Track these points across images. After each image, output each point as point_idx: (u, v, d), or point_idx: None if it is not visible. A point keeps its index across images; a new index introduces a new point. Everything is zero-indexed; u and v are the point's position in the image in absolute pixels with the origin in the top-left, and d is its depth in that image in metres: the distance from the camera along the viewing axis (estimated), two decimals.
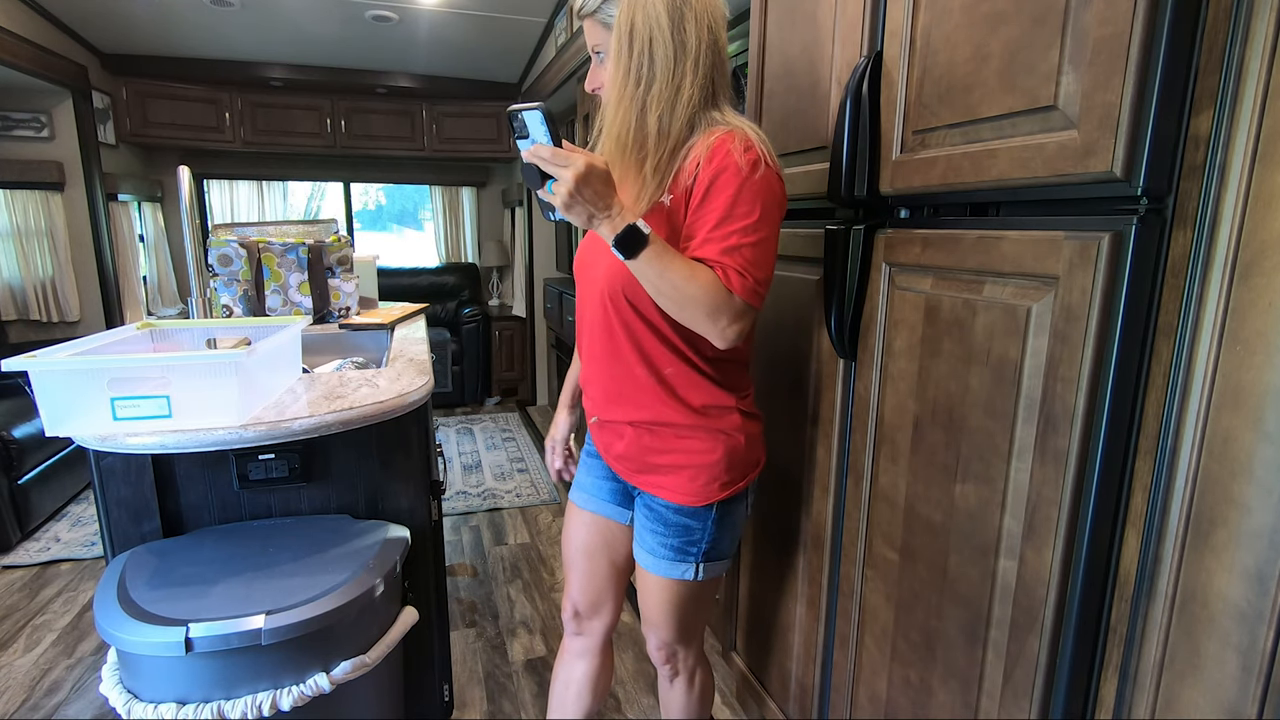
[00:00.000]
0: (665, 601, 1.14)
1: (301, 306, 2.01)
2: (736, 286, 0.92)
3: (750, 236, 0.92)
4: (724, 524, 1.10)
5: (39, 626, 2.08)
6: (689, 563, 1.10)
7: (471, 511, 2.97)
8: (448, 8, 3.12)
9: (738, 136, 0.94)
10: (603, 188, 0.87)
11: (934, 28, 0.93)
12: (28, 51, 2.94)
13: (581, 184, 0.84)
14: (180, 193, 1.61)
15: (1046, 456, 0.79)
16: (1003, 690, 0.89)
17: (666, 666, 1.24)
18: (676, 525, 1.09)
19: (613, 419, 1.11)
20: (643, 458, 1.09)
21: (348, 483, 1.31)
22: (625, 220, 0.88)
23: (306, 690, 1.01)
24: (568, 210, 0.87)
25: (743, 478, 1.09)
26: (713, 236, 0.93)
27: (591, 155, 0.86)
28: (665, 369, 1.05)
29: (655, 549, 1.11)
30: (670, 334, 1.02)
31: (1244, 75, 0.62)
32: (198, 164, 4.20)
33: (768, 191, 0.94)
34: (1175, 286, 0.69)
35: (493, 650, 2.00)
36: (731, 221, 0.92)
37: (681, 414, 1.05)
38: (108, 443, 1.01)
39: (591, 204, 0.86)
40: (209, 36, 3.50)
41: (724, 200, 0.92)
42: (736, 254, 0.92)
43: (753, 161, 0.93)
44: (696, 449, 1.06)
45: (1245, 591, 0.63)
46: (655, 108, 0.96)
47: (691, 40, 0.95)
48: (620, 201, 0.89)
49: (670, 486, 1.08)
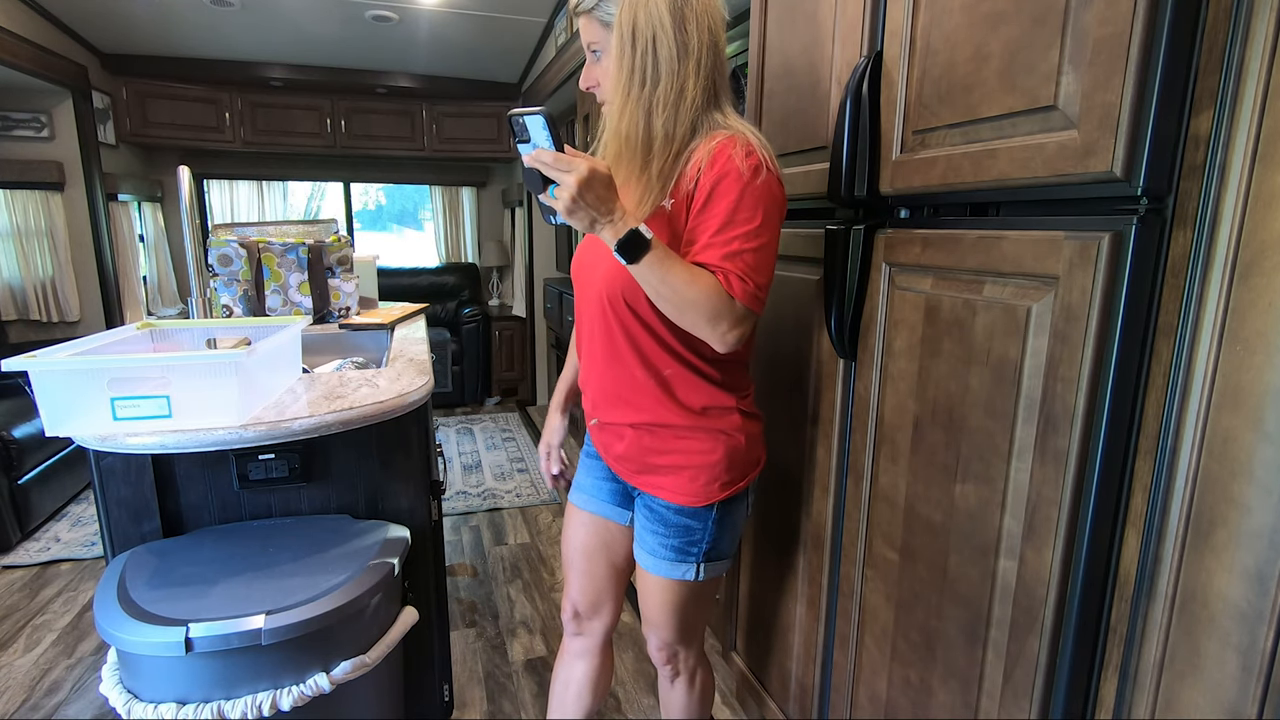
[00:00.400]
0: (666, 602, 1.14)
1: (301, 306, 2.01)
2: (738, 292, 0.92)
3: (752, 242, 0.93)
4: (724, 524, 1.10)
5: (39, 626, 2.08)
6: (690, 563, 1.10)
7: (471, 511, 2.97)
8: (448, 8, 3.12)
9: (739, 141, 0.94)
10: (605, 192, 0.86)
11: (934, 28, 0.93)
12: (28, 51, 2.94)
13: (584, 189, 0.84)
14: (180, 193, 1.61)
15: (1046, 456, 0.79)
16: (1003, 690, 0.89)
17: (667, 667, 1.24)
18: (677, 526, 1.09)
19: (612, 420, 1.11)
20: (643, 459, 1.09)
21: (348, 483, 1.31)
22: (627, 225, 0.88)
23: (306, 690, 1.01)
24: (570, 215, 0.86)
25: (743, 477, 1.09)
26: (714, 242, 0.93)
27: (594, 160, 0.85)
28: (665, 370, 1.05)
29: (656, 550, 1.11)
30: (669, 336, 1.02)
31: (1244, 75, 0.62)
32: (198, 164, 4.20)
33: (769, 197, 0.94)
34: (1175, 286, 0.69)
35: (493, 650, 2.00)
36: (733, 227, 0.93)
37: (681, 415, 1.05)
38: (108, 443, 1.01)
39: (594, 209, 0.86)
40: (209, 36, 3.50)
41: (726, 205, 0.93)
42: (738, 259, 0.92)
43: (754, 167, 0.93)
44: (697, 449, 1.06)
45: (1245, 591, 0.63)
46: (661, 110, 0.96)
47: (693, 41, 0.95)
48: (622, 206, 0.88)
49: (670, 487, 1.08)
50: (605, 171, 0.86)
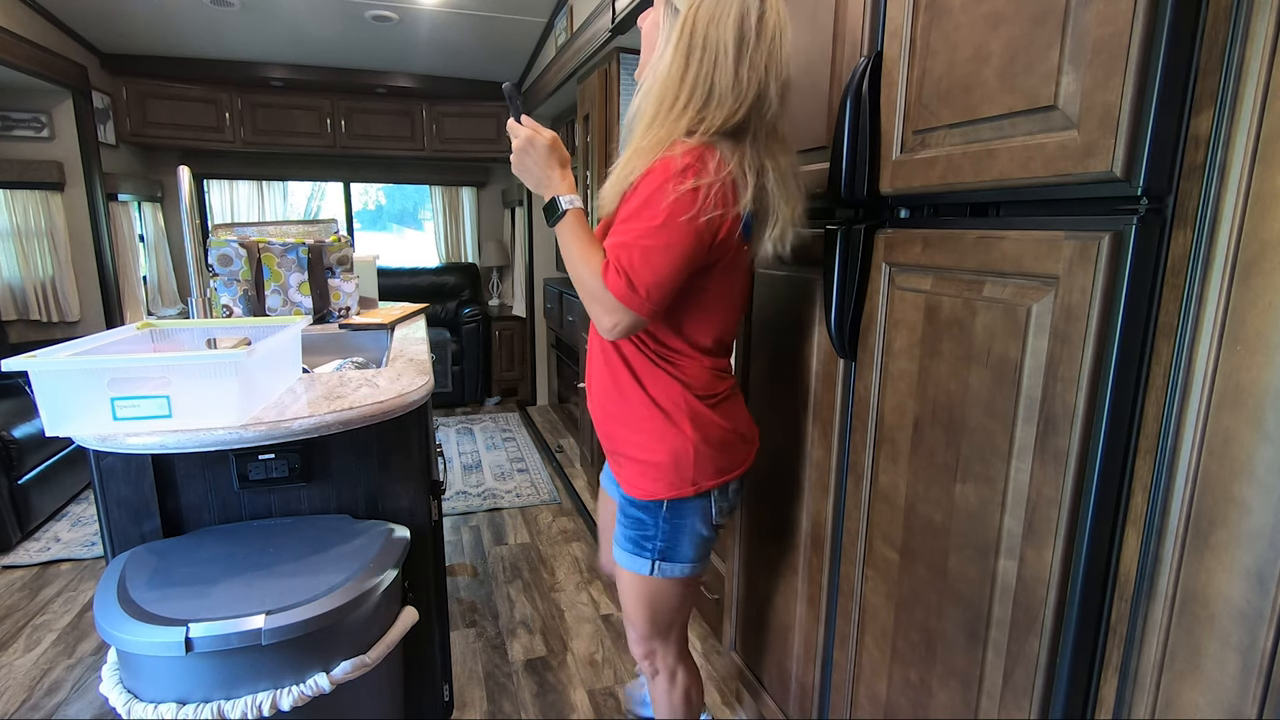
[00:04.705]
0: (631, 593, 1.18)
1: (301, 306, 2.01)
2: (610, 282, 0.95)
3: (645, 240, 0.94)
4: (679, 526, 1.10)
5: (39, 626, 2.08)
6: (645, 558, 1.12)
7: (471, 511, 2.97)
8: (448, 8, 3.12)
9: (698, 153, 0.95)
10: (541, 160, 1.01)
11: (934, 28, 0.93)
12: (28, 51, 2.94)
13: (521, 154, 1.01)
14: (180, 193, 1.61)
15: (1046, 456, 0.79)
16: (1003, 690, 0.89)
17: (645, 662, 1.27)
18: (631, 516, 1.12)
19: (590, 394, 1.17)
20: (608, 441, 1.14)
21: (348, 483, 1.31)
22: (552, 192, 1.01)
23: (306, 690, 1.01)
24: (517, 174, 1.03)
25: (693, 484, 1.08)
26: (617, 230, 0.97)
27: (535, 134, 1.00)
28: (624, 350, 1.09)
29: (619, 537, 1.15)
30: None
31: (1244, 75, 0.62)
32: (198, 164, 4.20)
33: (683, 206, 0.93)
34: (1175, 286, 0.69)
35: (493, 650, 2.00)
36: (635, 220, 0.95)
37: (637, 403, 1.08)
38: (108, 443, 1.01)
39: (530, 172, 1.02)
40: (209, 36, 3.50)
41: (639, 200, 0.96)
42: (625, 251, 0.95)
43: (683, 169, 0.93)
44: (644, 444, 1.09)
45: (1245, 591, 0.63)
46: (668, 113, 0.98)
47: (745, 81, 0.96)
48: (558, 177, 1.01)
49: (625, 476, 1.12)
50: (545, 142, 1.00)
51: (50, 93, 3.29)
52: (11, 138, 3.30)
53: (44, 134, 3.35)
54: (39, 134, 3.35)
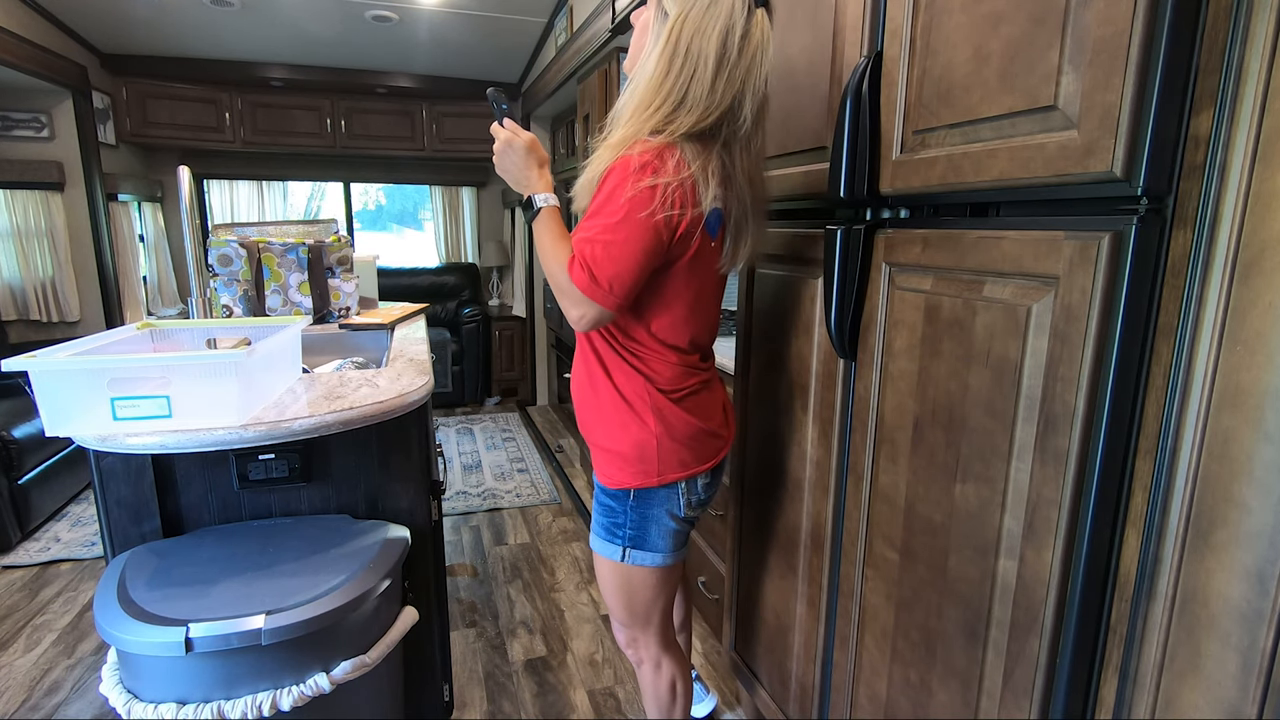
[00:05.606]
0: (606, 580, 1.21)
1: (301, 306, 2.01)
2: (574, 276, 0.98)
3: (605, 235, 0.97)
4: (645, 515, 1.14)
5: (39, 626, 2.08)
6: (616, 545, 1.16)
7: (471, 511, 2.97)
8: (448, 8, 3.12)
9: (656, 149, 0.97)
10: (520, 161, 1.08)
11: (934, 28, 0.93)
12: (28, 51, 2.94)
13: (501, 155, 1.09)
14: (180, 193, 1.61)
15: (1046, 456, 0.79)
16: (1003, 690, 0.89)
17: (629, 650, 1.30)
18: (603, 503, 1.16)
19: (571, 386, 1.21)
20: (583, 429, 1.18)
21: (348, 483, 1.31)
22: (530, 190, 1.08)
23: (306, 690, 1.01)
24: (499, 173, 1.10)
25: (658, 475, 1.11)
26: (582, 225, 1.01)
27: (515, 135, 1.07)
28: (596, 341, 1.12)
29: (594, 523, 1.19)
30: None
31: (1244, 75, 0.62)
32: (198, 164, 4.20)
33: (640, 203, 0.95)
34: (1175, 286, 0.69)
35: (493, 650, 2.00)
36: (597, 217, 0.98)
37: (605, 394, 1.12)
38: (108, 443, 1.01)
39: (509, 172, 1.10)
40: (209, 36, 3.50)
41: (602, 196, 0.99)
42: (588, 246, 0.98)
43: (639, 166, 0.96)
44: (612, 434, 1.12)
45: (1245, 591, 0.63)
46: (645, 110, 1.00)
47: (720, 91, 0.99)
48: (537, 178, 1.08)
49: (597, 464, 1.16)
50: (523, 144, 1.07)
51: (50, 93, 3.29)
52: (11, 138, 3.30)
53: (44, 134, 3.35)
54: (39, 134, 3.35)
